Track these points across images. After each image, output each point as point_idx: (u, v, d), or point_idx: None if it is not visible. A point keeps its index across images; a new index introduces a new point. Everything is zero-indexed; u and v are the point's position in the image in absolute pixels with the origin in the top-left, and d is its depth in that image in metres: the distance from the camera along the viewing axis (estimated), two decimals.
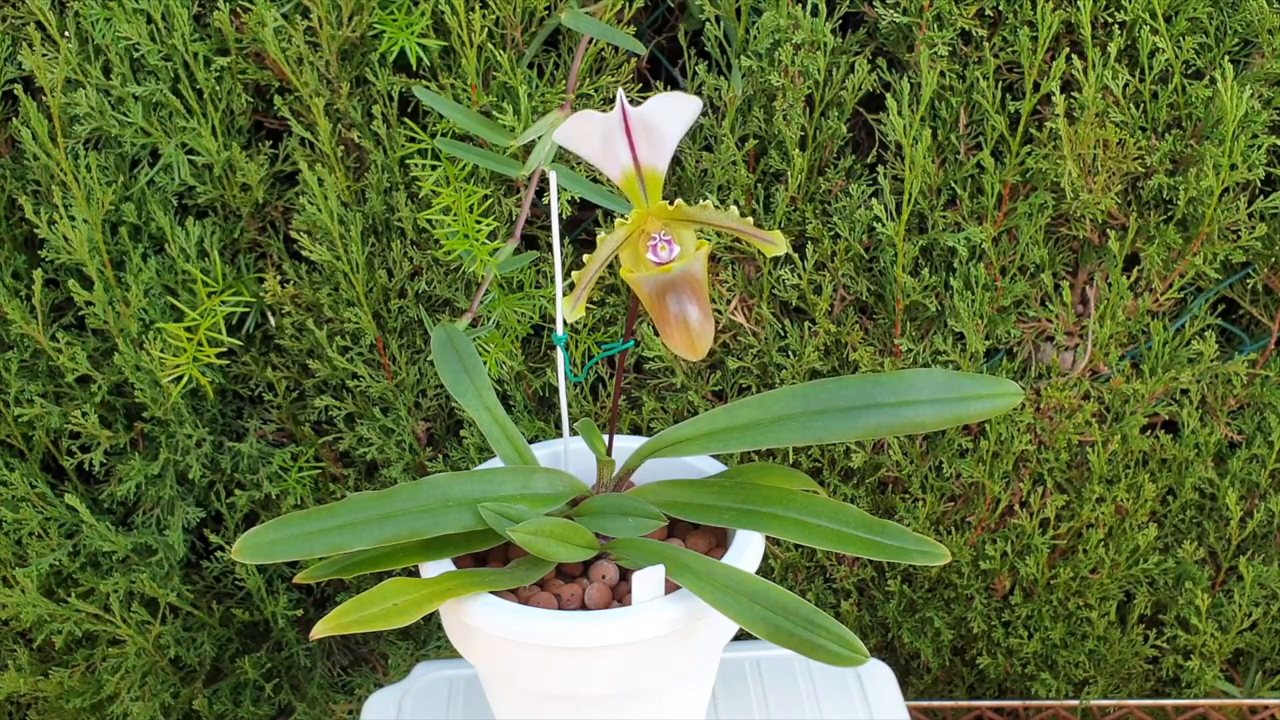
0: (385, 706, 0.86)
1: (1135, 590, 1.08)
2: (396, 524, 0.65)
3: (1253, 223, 0.93)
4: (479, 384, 0.74)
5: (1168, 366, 0.98)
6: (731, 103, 0.93)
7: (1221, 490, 1.03)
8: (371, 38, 0.92)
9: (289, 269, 1.00)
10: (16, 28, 0.95)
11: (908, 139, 0.90)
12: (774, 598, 0.60)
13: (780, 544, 1.06)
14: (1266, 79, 0.90)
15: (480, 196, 0.88)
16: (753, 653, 0.89)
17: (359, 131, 0.95)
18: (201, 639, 1.11)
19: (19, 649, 1.11)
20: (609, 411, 1.01)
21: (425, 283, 0.99)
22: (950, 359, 0.97)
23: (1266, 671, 1.13)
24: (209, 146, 0.95)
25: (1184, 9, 0.89)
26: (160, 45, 0.92)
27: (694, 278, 0.58)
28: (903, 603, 1.09)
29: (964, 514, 1.05)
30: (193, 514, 1.05)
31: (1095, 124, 0.90)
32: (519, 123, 0.88)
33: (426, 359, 1.02)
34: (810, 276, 0.97)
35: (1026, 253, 0.96)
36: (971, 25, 0.91)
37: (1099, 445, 1.00)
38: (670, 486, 0.71)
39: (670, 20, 1.01)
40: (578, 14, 0.79)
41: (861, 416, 0.66)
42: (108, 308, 0.98)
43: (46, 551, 1.05)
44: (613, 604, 0.66)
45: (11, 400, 1.02)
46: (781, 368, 0.99)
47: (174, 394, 0.98)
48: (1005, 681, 1.15)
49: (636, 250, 0.58)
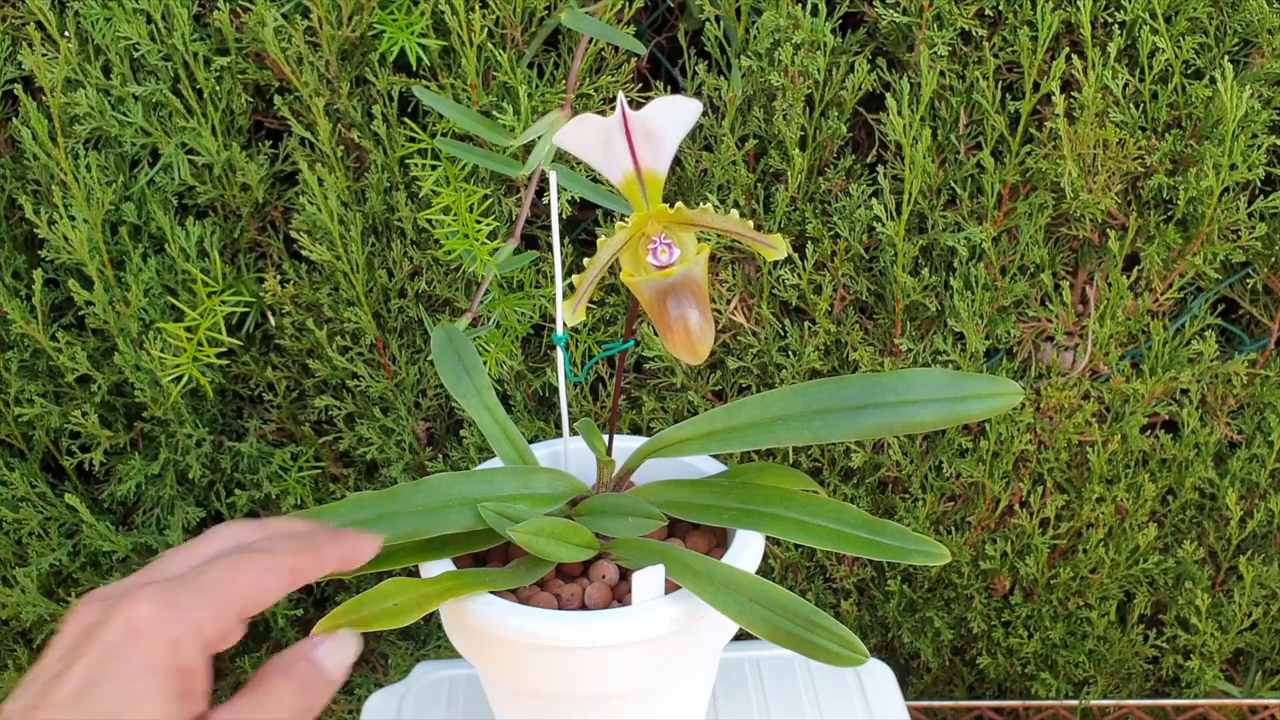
0: (385, 706, 0.86)
1: (1135, 590, 1.08)
2: (396, 523, 0.65)
3: (1253, 222, 0.93)
4: (479, 384, 0.74)
5: (1168, 366, 0.98)
6: (731, 103, 0.93)
7: (1221, 490, 1.03)
8: (371, 37, 0.92)
9: (289, 269, 1.00)
10: (16, 28, 0.95)
11: (908, 139, 0.90)
12: (774, 598, 0.60)
13: (780, 544, 1.06)
14: (1266, 79, 0.90)
15: (480, 196, 0.88)
16: (753, 653, 0.89)
17: (359, 131, 0.95)
18: None
19: (19, 649, 1.11)
20: (609, 411, 1.01)
21: (425, 282, 0.99)
22: (950, 359, 0.97)
23: (1266, 671, 1.13)
24: (209, 146, 0.95)
25: (1184, 9, 0.89)
26: (160, 45, 0.92)
27: (694, 281, 0.57)
28: (903, 603, 1.09)
29: (964, 514, 1.05)
30: (193, 514, 1.05)
31: (1095, 124, 0.90)
32: (519, 123, 0.88)
33: (426, 359, 1.02)
34: (810, 276, 0.97)
35: (1026, 252, 0.96)
36: (971, 25, 0.90)
37: (1099, 445, 1.00)
38: (670, 486, 0.71)
39: (670, 20, 1.01)
40: (578, 14, 0.79)
41: (862, 416, 0.66)
42: (108, 308, 0.98)
43: (46, 551, 1.05)
44: (613, 604, 0.66)
45: (11, 400, 1.02)
46: (781, 368, 0.99)
47: (174, 394, 0.98)
48: (1005, 681, 1.15)
49: (637, 253, 0.58)
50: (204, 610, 0.47)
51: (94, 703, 0.44)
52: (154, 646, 0.46)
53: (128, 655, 0.45)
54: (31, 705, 0.44)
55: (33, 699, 0.45)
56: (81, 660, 0.45)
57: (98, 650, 0.46)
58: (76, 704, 0.44)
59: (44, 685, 0.45)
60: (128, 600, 0.47)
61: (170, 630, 0.46)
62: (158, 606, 0.47)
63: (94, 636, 0.46)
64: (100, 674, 0.45)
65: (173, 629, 0.46)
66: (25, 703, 0.45)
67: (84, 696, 0.44)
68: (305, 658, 0.51)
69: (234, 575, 0.49)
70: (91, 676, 0.45)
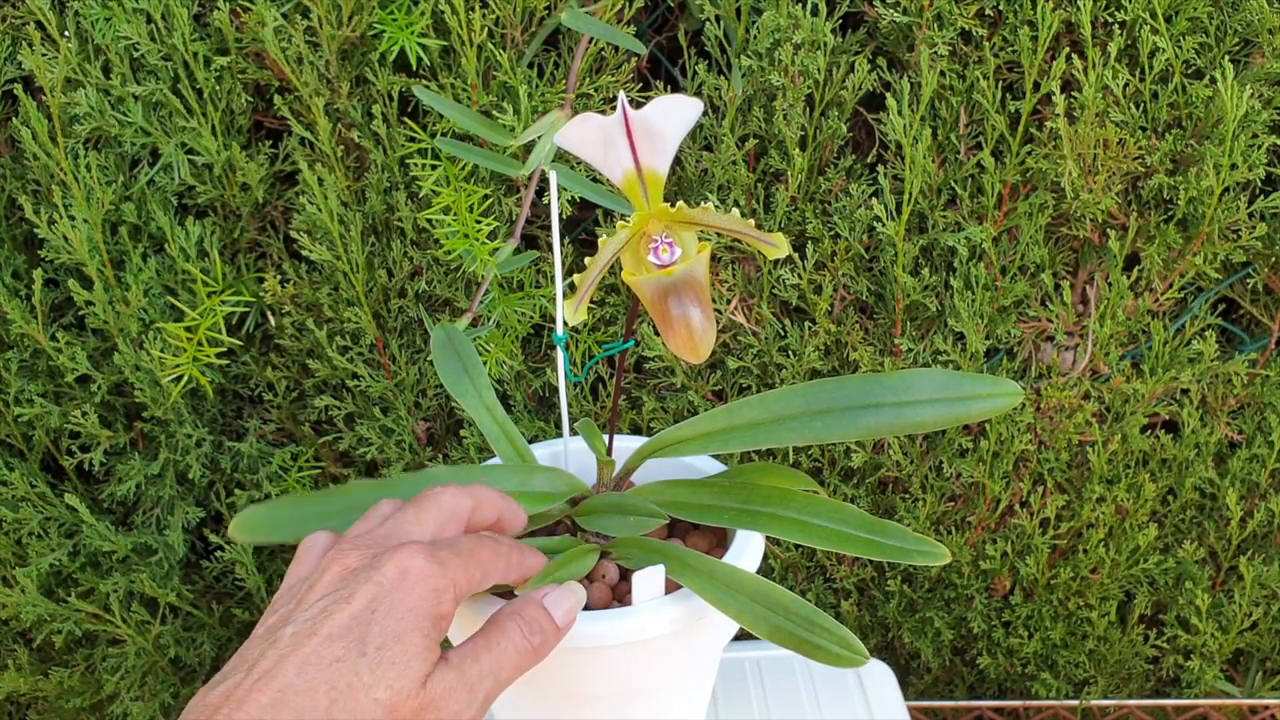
0: None
1: (1135, 590, 1.08)
2: None
3: (1253, 222, 0.93)
4: (479, 384, 0.74)
5: (1168, 366, 0.98)
6: (731, 102, 0.93)
7: (1222, 490, 1.03)
8: (371, 37, 0.92)
9: (289, 269, 1.00)
10: (16, 27, 0.95)
11: (908, 139, 0.90)
12: (774, 598, 0.60)
13: (780, 544, 1.06)
14: (1266, 79, 0.90)
15: (480, 196, 0.88)
16: (753, 653, 0.89)
17: (359, 131, 0.95)
18: (201, 639, 1.11)
19: (19, 649, 1.11)
20: (609, 411, 1.01)
21: (425, 282, 0.99)
22: (950, 359, 0.97)
23: (1266, 671, 1.13)
24: (209, 146, 0.95)
25: (1184, 9, 0.89)
26: (160, 45, 0.92)
27: (696, 280, 0.57)
28: (903, 603, 1.09)
29: (964, 514, 1.05)
30: (192, 514, 1.05)
31: (1095, 124, 0.90)
32: (519, 122, 0.88)
33: (426, 359, 1.01)
34: (810, 276, 0.96)
35: (1027, 252, 0.96)
36: (971, 25, 0.90)
37: (1099, 445, 1.00)
38: (670, 486, 0.71)
39: (670, 20, 1.01)
40: (578, 14, 0.78)
41: (862, 416, 0.66)
42: (108, 308, 0.98)
43: (46, 551, 1.05)
44: (613, 604, 0.66)
45: (11, 400, 1.02)
46: (781, 367, 0.99)
47: (174, 394, 0.98)
48: (1005, 681, 1.15)
49: (638, 253, 0.58)
50: (460, 571, 0.54)
51: (369, 633, 0.50)
52: (424, 592, 0.52)
53: (401, 595, 0.51)
54: (306, 633, 0.50)
55: (306, 626, 0.50)
56: (358, 595, 0.51)
57: (373, 589, 0.51)
58: (351, 630, 0.50)
59: (316, 615, 0.51)
60: (402, 551, 0.53)
61: (438, 581, 0.52)
62: (427, 560, 0.53)
63: (368, 576, 0.52)
64: (377, 607, 0.51)
65: (439, 580, 0.52)
66: (296, 629, 0.50)
67: (359, 624, 0.50)
68: (535, 603, 0.57)
69: (479, 550, 0.56)
70: (369, 608, 0.51)
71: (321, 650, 0.49)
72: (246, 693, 0.48)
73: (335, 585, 0.52)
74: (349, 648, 0.49)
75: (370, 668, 0.49)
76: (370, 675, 0.49)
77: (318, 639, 0.50)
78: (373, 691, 0.49)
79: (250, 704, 0.47)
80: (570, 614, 0.58)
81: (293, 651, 0.49)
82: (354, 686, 0.49)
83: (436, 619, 0.52)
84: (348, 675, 0.49)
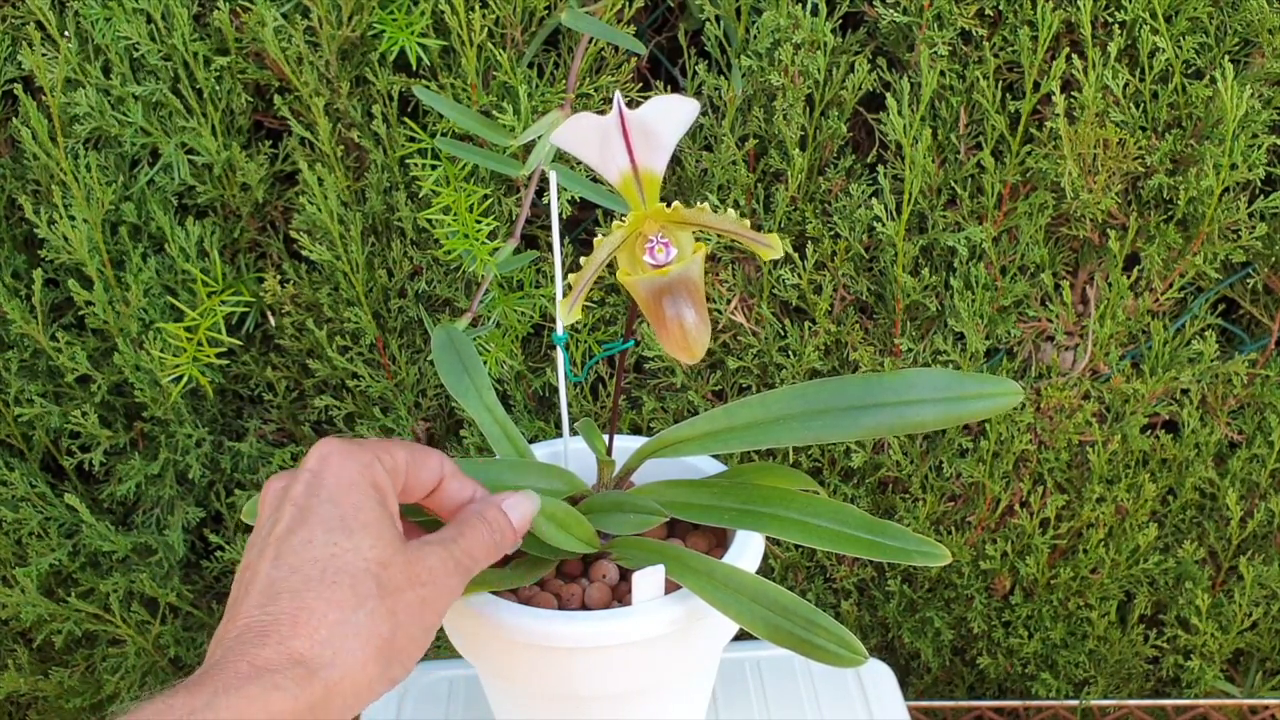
0: (385, 706, 0.86)
1: (1135, 590, 1.08)
2: None
3: (1253, 222, 0.93)
4: (479, 384, 0.74)
5: (1168, 366, 0.98)
6: (731, 102, 0.93)
7: (1222, 490, 1.03)
8: (371, 37, 0.92)
9: (289, 269, 1.00)
10: (16, 27, 0.95)
11: (908, 139, 0.90)
12: (774, 598, 0.60)
13: (780, 544, 1.06)
14: (1266, 78, 0.90)
15: (480, 196, 0.88)
16: (753, 653, 0.89)
17: (359, 131, 0.95)
18: (201, 639, 1.11)
19: (19, 649, 1.11)
20: (609, 411, 1.01)
21: (425, 282, 0.99)
22: (950, 359, 0.97)
23: (1267, 671, 1.13)
24: (209, 146, 0.95)
25: (1184, 9, 0.89)
26: (160, 45, 0.92)
27: (691, 280, 0.57)
28: (903, 603, 1.09)
29: (964, 514, 1.05)
30: (192, 514, 1.05)
31: (1095, 124, 0.90)
32: (519, 122, 0.88)
33: (426, 359, 1.02)
34: (810, 276, 0.96)
35: (1027, 252, 0.96)
36: (971, 25, 0.90)
37: (1099, 445, 1.00)
38: (670, 486, 0.71)
39: (670, 20, 1.01)
40: (578, 14, 0.78)
41: (862, 416, 0.66)
42: (108, 307, 0.98)
43: (46, 551, 1.05)
44: (613, 604, 0.66)
45: (11, 400, 1.02)
46: (781, 367, 0.99)
47: (174, 394, 0.98)
48: (1005, 681, 1.15)
49: (634, 252, 0.58)
50: (377, 447, 0.56)
51: (323, 513, 0.52)
52: (352, 466, 0.53)
53: (332, 475, 0.53)
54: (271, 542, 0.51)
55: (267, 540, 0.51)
56: (295, 493, 0.53)
57: (304, 483, 0.53)
58: (305, 519, 0.51)
59: (269, 529, 0.52)
60: (315, 449, 0.54)
61: (359, 455, 0.54)
62: (341, 442, 0.55)
63: (295, 478, 0.54)
64: (316, 492, 0.52)
65: (361, 454, 0.54)
66: (259, 550, 0.51)
67: (309, 511, 0.52)
68: (494, 505, 0.60)
69: (388, 440, 0.58)
70: (309, 494, 0.52)
71: (290, 541, 0.51)
72: (237, 604, 0.50)
73: (273, 505, 0.54)
74: (312, 529, 0.51)
75: (344, 535, 0.51)
76: (348, 540, 0.51)
77: (278, 537, 0.51)
78: (360, 552, 0.51)
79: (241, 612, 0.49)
80: (525, 519, 0.61)
81: (261, 558, 0.51)
82: (336, 554, 0.50)
83: (376, 486, 0.54)
84: (327, 547, 0.51)
